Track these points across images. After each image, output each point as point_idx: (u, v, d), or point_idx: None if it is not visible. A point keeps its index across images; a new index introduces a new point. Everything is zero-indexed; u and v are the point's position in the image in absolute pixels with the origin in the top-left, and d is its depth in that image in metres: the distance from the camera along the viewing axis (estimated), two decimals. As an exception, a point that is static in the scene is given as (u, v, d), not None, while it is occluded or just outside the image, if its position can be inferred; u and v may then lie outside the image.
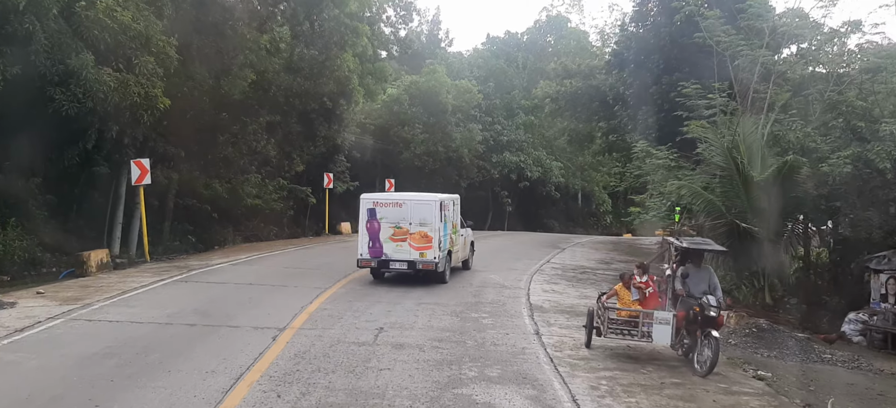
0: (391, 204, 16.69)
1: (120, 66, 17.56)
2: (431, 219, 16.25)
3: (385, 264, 16.44)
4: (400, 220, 16.27)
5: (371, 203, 16.79)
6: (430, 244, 15.96)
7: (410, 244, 16.07)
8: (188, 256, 21.45)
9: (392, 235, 16.18)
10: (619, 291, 10.42)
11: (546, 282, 17.82)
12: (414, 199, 17.25)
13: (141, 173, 19.21)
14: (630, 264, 23.34)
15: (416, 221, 16.21)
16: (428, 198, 17.49)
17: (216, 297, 13.59)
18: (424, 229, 16.10)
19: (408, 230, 16.17)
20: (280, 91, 26.45)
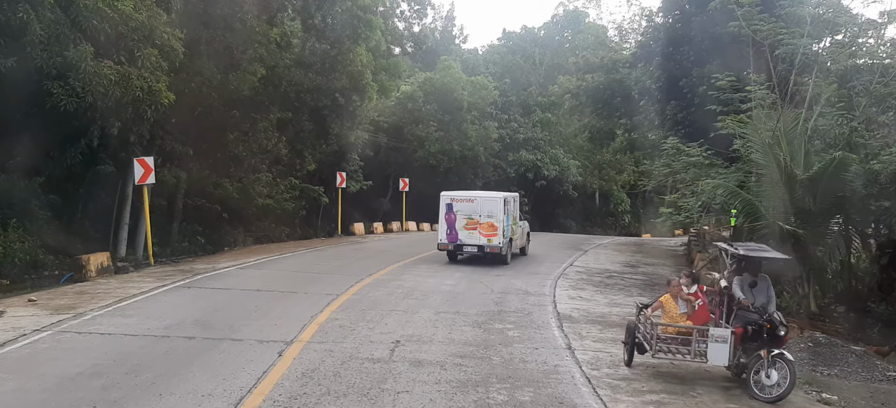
0: (465, 200, 20.78)
1: (121, 58, 16.65)
2: (497, 212, 20.12)
3: (459, 248, 20.53)
4: (472, 212, 20.25)
5: (449, 199, 20.89)
6: (495, 232, 19.88)
7: (480, 232, 20.07)
8: (195, 259, 20.56)
9: (465, 225, 20.22)
10: (664, 304, 9.26)
11: (572, 288, 16.72)
12: (483, 196, 21.48)
13: (145, 172, 18.33)
14: (658, 267, 22.33)
15: (485, 214, 20.10)
16: (494, 195, 21.38)
17: (220, 305, 12.62)
18: (491, 220, 20.01)
19: (478, 221, 20.12)
20: (291, 87, 25.52)
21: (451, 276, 17.51)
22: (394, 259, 20.56)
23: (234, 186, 29.47)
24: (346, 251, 23.41)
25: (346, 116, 28.19)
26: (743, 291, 8.64)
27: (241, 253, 22.47)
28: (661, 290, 18.05)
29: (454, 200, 20.76)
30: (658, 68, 22.10)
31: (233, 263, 18.58)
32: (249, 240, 29.21)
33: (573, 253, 24.92)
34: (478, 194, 21.90)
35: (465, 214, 20.29)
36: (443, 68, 42.33)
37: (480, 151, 43.26)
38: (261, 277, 16.27)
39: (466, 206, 20.50)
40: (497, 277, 17.71)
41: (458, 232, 20.28)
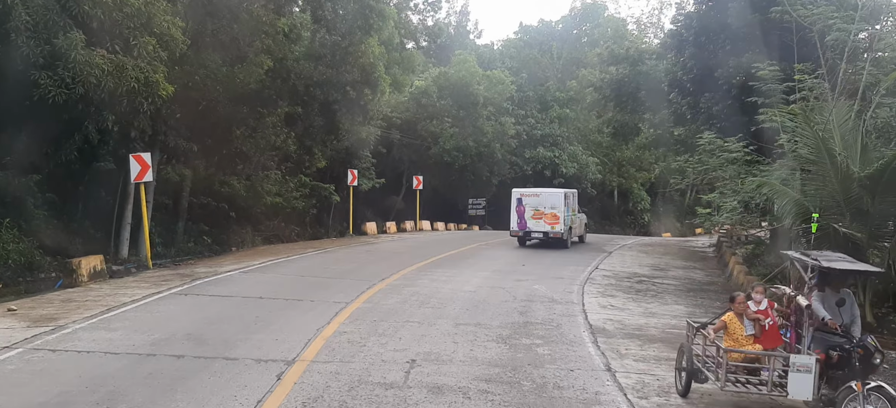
0: (532, 195, 25.36)
1: (115, 47, 15.54)
2: (559, 204, 24.66)
3: (528, 234, 24.84)
4: (538, 205, 24.70)
5: (519, 195, 25.46)
6: (557, 221, 24.23)
7: (545, 221, 24.41)
8: (197, 261, 19.46)
9: (532, 215, 24.58)
10: (728, 324, 7.86)
11: (601, 294, 15.39)
12: (547, 191, 26.48)
13: (141, 169, 17.25)
14: (690, 271, 20.94)
15: (548, 206, 24.61)
16: (557, 191, 26.35)
17: (217, 315, 11.43)
18: (554, 211, 24.39)
19: (543, 212, 24.51)
20: (299, 80, 24.34)
21: (469, 281, 16.25)
22: (408, 262, 19.34)
23: (242, 183, 28.45)
24: (357, 253, 22.21)
25: (358, 111, 26.96)
26: (823, 310, 7.28)
27: (248, 254, 21.34)
28: (697, 296, 16.78)
29: (523, 195, 25.44)
30: (690, 58, 20.63)
31: (236, 267, 17.42)
32: (258, 240, 28.17)
33: (597, 255, 23.56)
34: (542, 190, 26.80)
35: (533, 206, 24.86)
36: (458, 62, 41.03)
37: (497, 148, 41.94)
38: (265, 282, 15.09)
39: (533, 199, 25.12)
40: (518, 281, 16.43)
41: (527, 221, 24.79)
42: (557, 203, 24.77)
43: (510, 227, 25.58)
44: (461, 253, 22.70)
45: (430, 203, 41.94)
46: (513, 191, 26.13)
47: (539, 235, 24.68)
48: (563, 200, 24.95)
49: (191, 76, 22.18)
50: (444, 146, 39.88)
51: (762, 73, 16.45)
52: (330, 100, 25.47)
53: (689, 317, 13.58)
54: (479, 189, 43.63)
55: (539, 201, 24.92)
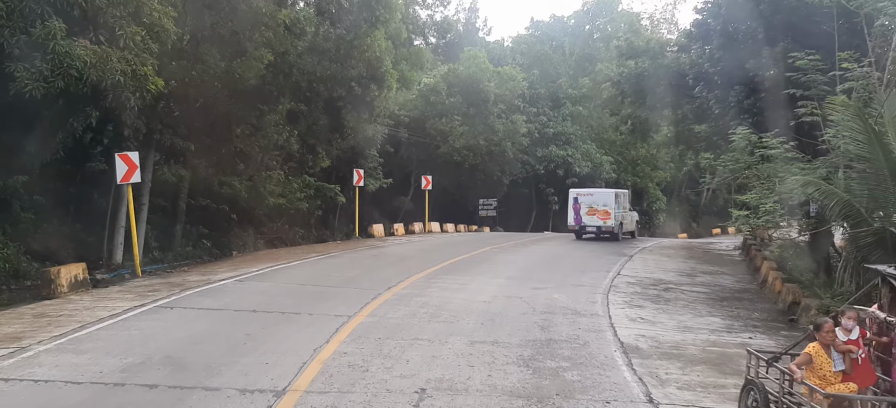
0: (586, 194, 28.80)
1: (100, 37, 14.38)
2: (610, 202, 27.92)
3: (583, 228, 28.18)
4: (591, 203, 28.00)
5: (575, 194, 29.14)
6: (609, 217, 27.50)
7: (598, 217, 27.65)
8: (190, 268, 18.27)
9: (587, 212, 27.88)
10: (814, 357, 6.39)
11: (627, 305, 14.08)
12: (600, 191, 30.01)
13: (128, 170, 16.09)
14: (718, 276, 19.56)
15: (601, 204, 27.76)
16: (608, 191, 29.85)
17: (203, 333, 10.21)
18: (606, 208, 27.57)
19: (596, 209, 27.73)
20: (302, 76, 23.13)
21: (483, 289, 14.98)
22: (416, 268, 18.09)
23: (244, 184, 27.33)
24: (362, 258, 20.97)
25: (363, 108, 25.72)
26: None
27: (247, 260, 20.19)
28: (731, 306, 15.42)
29: (578, 194, 29.23)
30: (718, 49, 19.24)
31: (231, 274, 16.21)
32: (260, 243, 27.07)
33: (617, 259, 22.23)
34: (596, 190, 30.63)
35: (587, 204, 28.33)
36: (468, 58, 39.76)
37: (508, 146, 40.61)
38: (261, 292, 13.86)
39: (587, 198, 28.66)
40: (536, 290, 15.14)
41: (582, 217, 28.39)
42: (609, 201, 28.33)
43: (567, 222, 29.67)
44: (473, 257, 21.44)
45: (439, 204, 40.67)
46: (570, 191, 30.11)
47: (593, 229, 28.16)
48: (614, 199, 28.50)
49: (187, 71, 21.09)
50: (453, 145, 38.62)
51: (801, 62, 15.06)
52: (334, 96, 24.25)
53: (727, 330, 12.35)
54: (489, 189, 42.34)
55: (593, 200, 28.49)
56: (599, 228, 27.86)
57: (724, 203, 64.25)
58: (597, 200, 28.28)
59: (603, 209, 27.83)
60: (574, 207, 28.50)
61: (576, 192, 29.36)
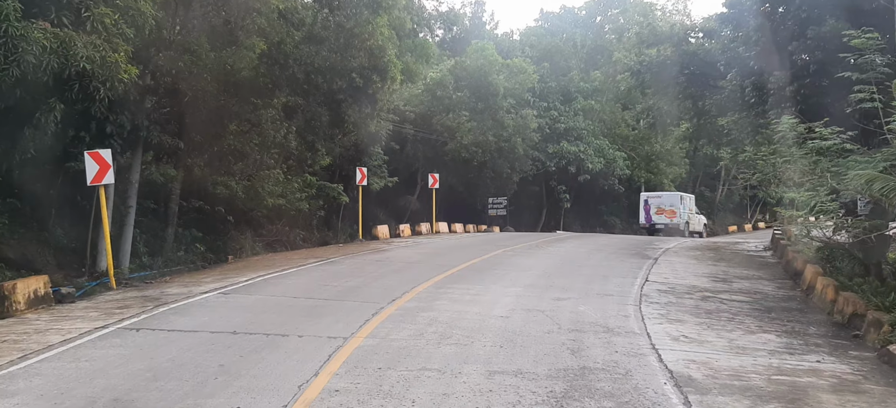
0: (655, 197, 33.85)
1: (63, 19, 12.73)
2: (676, 203, 33.03)
3: (653, 226, 32.19)
4: (660, 204, 32.88)
5: (646, 197, 34.69)
6: (675, 215, 32.10)
7: (665, 215, 32.37)
8: (173, 278, 16.65)
9: (656, 212, 32.72)
10: None
11: (664, 319, 12.33)
12: (667, 194, 34.82)
13: (99, 169, 14.44)
14: (755, 282, 17.71)
15: (668, 204, 32.58)
16: (674, 193, 34.60)
17: (167, 365, 8.52)
18: (672, 208, 32.31)
19: (664, 209, 32.46)
20: (299, 67, 21.43)
21: (499, 301, 13.26)
22: (423, 274, 16.39)
23: (241, 184, 25.75)
24: (365, 263, 19.27)
25: (366, 101, 23.99)
26: None
27: (237, 267, 18.54)
28: (781, 319, 13.52)
29: (649, 197, 34.81)
30: (755, 31, 17.45)
31: (217, 285, 14.53)
32: (258, 246, 25.50)
33: (640, 262, 20.47)
34: (663, 193, 36.01)
35: (656, 205, 33.66)
36: (475, 50, 38.00)
37: (518, 142, 38.82)
38: (247, 307, 12.17)
39: (656, 200, 34.21)
40: (558, 301, 13.41)
41: (652, 216, 33.39)
42: (675, 202, 34.00)
43: (640, 221, 34.73)
44: (485, 261, 19.73)
45: (446, 203, 38.97)
46: (641, 194, 36.18)
47: (661, 225, 33.24)
48: (679, 200, 34.20)
49: (174, 63, 19.53)
50: (461, 141, 36.89)
51: (856, 42, 13.29)
52: (334, 89, 22.53)
53: (788, 352, 10.54)
54: (499, 187, 40.60)
55: (661, 201, 34.16)
56: (667, 224, 32.89)
57: (740, 200, 62.49)
58: (664, 202, 33.95)
59: (669, 209, 33.36)
60: (645, 207, 33.98)
61: (646, 195, 35.22)
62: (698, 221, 35.56)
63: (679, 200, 33.33)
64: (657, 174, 49.86)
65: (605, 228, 49.09)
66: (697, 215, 35.55)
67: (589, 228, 48.46)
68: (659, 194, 35.00)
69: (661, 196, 34.22)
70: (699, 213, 36.24)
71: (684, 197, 34.09)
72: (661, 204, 33.15)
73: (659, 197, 34.13)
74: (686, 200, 34.06)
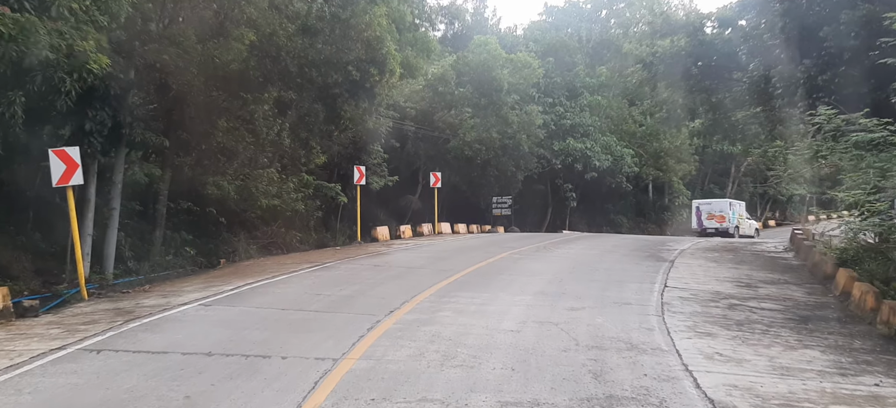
0: (706, 203, 37.07)
1: (25, 3, 11.52)
2: (725, 209, 35.82)
3: (704, 230, 34.75)
4: (710, 210, 35.83)
5: (697, 204, 37.46)
6: (724, 220, 34.70)
7: (715, 220, 35.09)
8: (152, 287, 15.45)
9: (707, 217, 35.47)
10: None
11: (693, 332, 11.08)
12: (716, 200, 38.71)
13: (66, 169, 13.21)
14: (783, 287, 16.41)
15: (718, 210, 35.66)
16: (723, 200, 38.56)
17: (125, 397, 7.30)
18: (722, 213, 35.22)
19: (714, 214, 35.39)
20: (292, 59, 20.19)
21: (508, 312, 12.03)
22: (425, 281, 15.18)
23: (233, 184, 24.59)
24: (362, 269, 18.04)
25: (363, 95, 22.74)
26: None
27: (225, 274, 17.36)
28: (820, 331, 12.17)
29: (700, 204, 37.12)
30: (782, 16, 16.16)
31: (200, 295, 13.31)
32: (253, 249, 24.35)
33: (656, 265, 19.23)
34: (714, 200, 39.17)
35: (706, 211, 35.94)
36: (478, 45, 36.74)
37: (523, 139, 37.55)
38: (228, 322, 10.95)
39: (707, 207, 36.44)
40: (573, 311, 12.18)
41: (703, 221, 35.48)
42: (724, 208, 36.18)
43: (691, 225, 36.97)
44: (491, 265, 18.51)
45: (449, 202, 37.75)
46: (693, 201, 39.24)
47: (712, 230, 35.17)
48: (728, 206, 36.45)
49: (158, 55, 18.37)
50: (464, 138, 35.65)
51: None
52: (329, 83, 21.29)
53: (839, 372, 9.23)
54: (503, 186, 39.34)
55: (711, 208, 36.50)
56: (717, 228, 35.11)
57: (750, 198, 61.08)
58: (714, 208, 36.41)
59: (719, 214, 35.69)
60: (697, 213, 36.63)
61: (698, 202, 38.25)
62: (749, 226, 37.60)
63: (728, 207, 36.00)
64: (666, 172, 48.59)
65: (612, 228, 47.81)
66: (748, 220, 37.79)
67: (595, 228, 47.17)
68: (709, 201, 37.91)
69: (712, 203, 37.07)
70: (750, 218, 38.75)
71: (733, 203, 36.90)
72: (711, 210, 35.76)
73: (709, 204, 36.87)
74: (735, 206, 36.71)
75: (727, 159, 54.39)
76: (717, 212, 35.81)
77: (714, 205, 37.00)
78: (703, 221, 35.80)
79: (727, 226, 34.89)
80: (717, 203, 37.33)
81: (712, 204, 37.16)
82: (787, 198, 61.53)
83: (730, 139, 29.54)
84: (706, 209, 36.46)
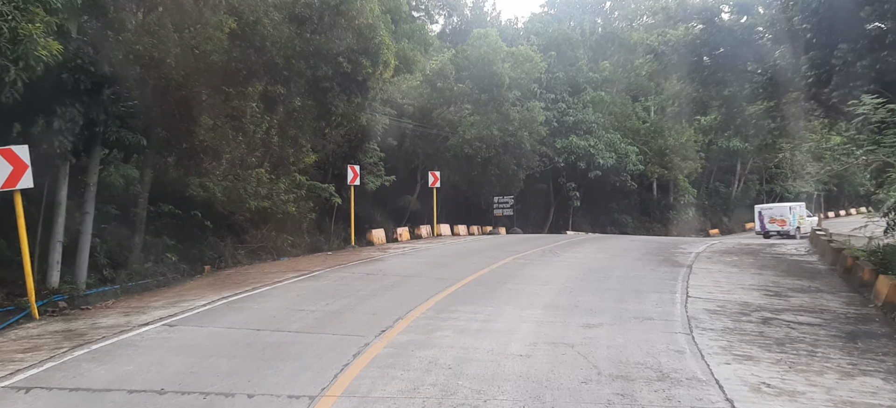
0: (768, 208, 40.26)
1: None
2: (786, 214, 38.81)
3: (767, 233, 37.99)
4: (772, 215, 39.10)
5: (760, 209, 40.74)
6: (785, 223, 37.99)
7: (777, 224, 38.26)
8: (114, 303, 13.95)
9: (769, 221, 38.61)
10: None
11: (729, 354, 9.61)
12: (777, 205, 41.45)
13: (13, 171, 11.72)
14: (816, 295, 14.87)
15: (778, 215, 38.82)
16: (783, 204, 41.36)
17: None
18: (782, 218, 38.43)
19: (775, 218, 38.60)
20: (278, 50, 18.70)
21: (516, 330, 10.58)
22: (422, 292, 13.73)
23: (219, 185, 23.16)
24: (353, 277, 16.57)
25: (355, 89, 21.22)
26: None
27: (200, 286, 15.92)
28: (873, 349, 10.78)
29: (762, 209, 40.30)
30: (814, -4, 14.68)
31: (166, 312, 11.82)
32: (241, 254, 22.94)
33: (673, 271, 17.79)
34: (775, 205, 42.33)
35: (769, 215, 38.96)
36: (478, 37, 35.26)
37: (524, 137, 36.06)
38: (191, 348, 9.46)
39: (769, 211, 39.64)
40: (590, 329, 10.72)
41: (766, 224, 38.36)
42: (784, 212, 39.09)
43: (755, 229, 40.24)
44: (494, 273, 17.04)
45: (449, 203, 36.27)
46: (755, 207, 41.95)
47: (774, 232, 37.96)
48: (788, 211, 39.16)
49: (131, 46, 16.93)
50: (464, 136, 34.17)
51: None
52: (318, 75, 19.78)
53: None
54: (504, 185, 37.85)
55: (772, 212, 39.52)
56: (779, 231, 37.84)
57: (756, 195, 59.65)
58: (775, 212, 39.33)
59: (780, 218, 38.48)
60: (759, 218, 39.48)
61: (760, 207, 41.04)
62: (808, 223, 40.05)
63: (788, 211, 38.91)
64: (671, 169, 47.12)
65: (616, 228, 46.40)
66: (808, 218, 40.46)
67: (599, 228, 45.77)
68: (770, 206, 41.33)
69: (773, 208, 40.47)
70: (810, 215, 41.53)
71: (793, 207, 39.59)
72: (773, 215, 38.86)
73: (771, 209, 40.23)
74: (795, 209, 39.40)
75: (733, 157, 52.97)
76: (778, 216, 38.69)
77: (775, 210, 39.89)
78: (766, 225, 38.47)
79: (788, 228, 37.64)
80: (778, 208, 40.24)
81: (773, 209, 40.14)
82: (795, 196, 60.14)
83: (742, 135, 28.08)
84: (768, 214, 39.36)
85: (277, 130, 20.52)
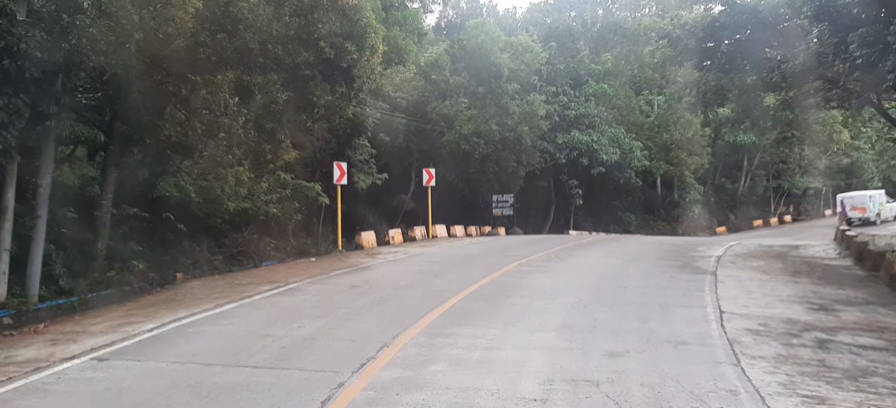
0: (849, 197, 42.53)
1: None
2: (866, 202, 41.71)
3: (849, 219, 38.03)
4: (853, 203, 41.57)
5: (842, 198, 42.62)
6: (866, 211, 41.03)
7: (858, 211, 40.83)
8: (46, 327, 11.93)
9: (851, 208, 40.84)
10: None
11: (795, 395, 7.71)
12: (858, 194, 43.73)
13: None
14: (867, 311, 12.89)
15: (859, 203, 41.62)
16: (864, 193, 43.67)
17: None
18: (863, 205, 41.37)
19: (856, 206, 41.22)
20: (253, 35, 16.71)
21: (525, 359, 8.68)
22: (413, 310, 11.80)
23: (195, 185, 21.21)
24: (335, 290, 14.60)
25: (339, 77, 19.21)
26: None
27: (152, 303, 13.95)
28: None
29: (844, 198, 42.08)
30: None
31: (101, 341, 9.82)
32: (218, 260, 21.10)
33: (696, 279, 15.91)
34: (855, 193, 43.92)
35: (850, 204, 40.98)
36: (475, 26, 33.32)
37: (525, 132, 34.12)
38: (114, 397, 7.46)
39: (850, 200, 41.76)
40: (613, 358, 8.82)
41: (848, 212, 39.56)
42: (865, 201, 41.02)
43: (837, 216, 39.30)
44: (495, 283, 15.11)
45: (445, 201, 34.33)
46: (837, 196, 43.81)
47: (857, 219, 39.06)
48: (868, 199, 41.32)
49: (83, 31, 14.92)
50: (460, 131, 32.21)
51: None
52: (298, 62, 17.78)
53: None
54: (503, 183, 35.91)
55: (853, 200, 41.37)
56: (860, 218, 39.54)
57: (763, 192, 57.88)
58: (856, 201, 41.24)
59: (861, 206, 40.54)
60: (841, 206, 40.76)
61: (842, 196, 42.75)
62: (890, 210, 42.78)
63: (868, 199, 41.09)
64: (677, 165, 45.24)
65: (619, 227, 44.57)
66: (888, 204, 42.78)
67: (602, 227, 43.98)
68: (852, 195, 42.74)
69: (854, 196, 42.14)
70: (890, 201, 43.41)
71: (873, 195, 41.82)
72: (854, 203, 40.75)
73: (852, 197, 41.99)
74: (875, 197, 41.69)
75: (739, 152, 51.20)
76: (858, 204, 40.72)
77: (856, 198, 41.82)
78: (848, 212, 39.71)
79: (869, 215, 39.97)
80: (859, 196, 42.11)
81: (854, 198, 41.96)
82: (802, 191, 58.31)
83: (759, 128, 26.25)
84: (849, 203, 41.08)
85: (253, 125, 18.52)
